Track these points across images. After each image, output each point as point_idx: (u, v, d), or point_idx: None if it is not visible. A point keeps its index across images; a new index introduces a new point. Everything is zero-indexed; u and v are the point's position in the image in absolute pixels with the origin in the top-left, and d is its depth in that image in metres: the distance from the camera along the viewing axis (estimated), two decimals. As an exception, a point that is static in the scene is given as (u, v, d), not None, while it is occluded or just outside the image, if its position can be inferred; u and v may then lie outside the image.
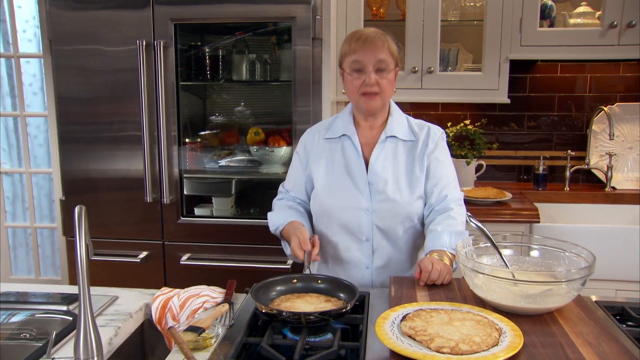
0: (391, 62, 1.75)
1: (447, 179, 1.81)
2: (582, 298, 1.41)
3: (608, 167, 3.03)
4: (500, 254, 1.45)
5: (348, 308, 1.37)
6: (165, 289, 1.65)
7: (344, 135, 1.86)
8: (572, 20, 2.86)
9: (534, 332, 1.24)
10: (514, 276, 1.34)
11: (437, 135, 1.84)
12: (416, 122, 1.88)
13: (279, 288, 1.54)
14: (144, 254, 2.70)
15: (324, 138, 1.89)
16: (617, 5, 2.70)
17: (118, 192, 2.69)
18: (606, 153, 3.05)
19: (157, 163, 2.63)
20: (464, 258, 1.38)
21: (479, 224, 1.52)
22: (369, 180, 1.78)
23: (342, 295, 1.50)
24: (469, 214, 1.58)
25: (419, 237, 1.84)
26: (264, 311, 1.38)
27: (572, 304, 1.36)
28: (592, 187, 3.12)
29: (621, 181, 3.09)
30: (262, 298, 1.47)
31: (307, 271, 1.63)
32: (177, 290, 1.64)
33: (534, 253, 1.46)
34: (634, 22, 2.69)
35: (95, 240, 2.80)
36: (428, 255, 1.64)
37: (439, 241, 1.68)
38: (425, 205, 1.81)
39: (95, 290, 1.67)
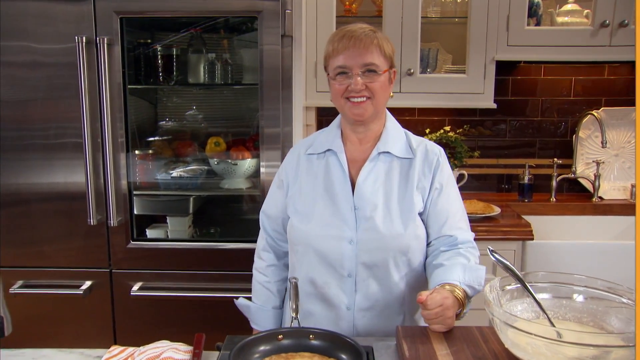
0: (383, 63, 1.47)
1: (455, 217, 1.52)
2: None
3: (595, 176, 2.84)
4: (538, 302, 1.18)
5: (355, 378, 1.08)
6: (114, 349, 1.31)
7: (329, 150, 1.57)
8: (559, 19, 2.65)
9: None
10: (560, 335, 1.06)
11: (438, 156, 1.55)
12: (414, 138, 1.60)
13: (262, 348, 1.23)
14: (87, 284, 2.31)
15: (306, 154, 1.60)
16: (609, 3, 2.51)
17: (55, 210, 2.29)
18: (593, 161, 2.86)
19: (102, 175, 2.25)
20: (498, 311, 1.10)
21: (505, 261, 1.25)
22: (355, 205, 1.49)
23: (342, 355, 1.21)
24: (491, 248, 1.30)
25: (412, 275, 1.53)
26: (246, 385, 1.08)
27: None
28: (578, 197, 2.93)
29: (608, 190, 2.91)
30: (243, 365, 1.16)
31: (294, 322, 1.33)
32: (131, 350, 1.30)
33: (579, 298, 1.19)
34: (626, 21, 2.50)
35: (29, 270, 2.41)
36: (439, 287, 1.36)
37: (450, 274, 1.40)
38: (426, 242, 1.53)
39: (20, 355, 1.31)
